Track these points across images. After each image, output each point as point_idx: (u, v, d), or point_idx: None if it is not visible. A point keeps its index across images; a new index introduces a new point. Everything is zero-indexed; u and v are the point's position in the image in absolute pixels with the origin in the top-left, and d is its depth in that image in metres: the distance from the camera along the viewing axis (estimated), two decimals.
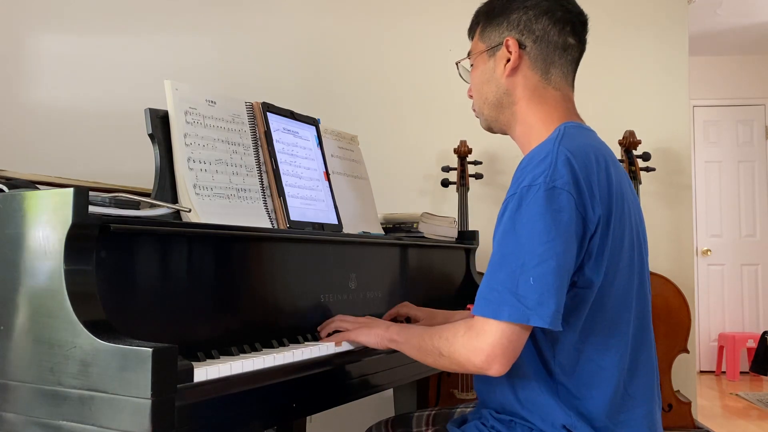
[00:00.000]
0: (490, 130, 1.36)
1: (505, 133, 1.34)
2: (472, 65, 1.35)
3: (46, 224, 1.00)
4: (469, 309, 1.70)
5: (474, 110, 1.37)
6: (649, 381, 1.22)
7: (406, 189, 2.97)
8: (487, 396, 1.26)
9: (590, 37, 1.30)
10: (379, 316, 1.60)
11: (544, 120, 1.24)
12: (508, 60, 1.25)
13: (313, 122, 1.73)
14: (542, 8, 1.25)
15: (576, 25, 1.27)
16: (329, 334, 1.40)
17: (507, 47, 1.26)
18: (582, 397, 1.15)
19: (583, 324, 1.14)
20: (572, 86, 1.30)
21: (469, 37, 1.37)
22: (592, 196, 1.10)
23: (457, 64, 1.42)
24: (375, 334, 1.32)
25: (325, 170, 1.71)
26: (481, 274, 1.20)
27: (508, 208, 1.11)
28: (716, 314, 5.88)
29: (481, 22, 1.32)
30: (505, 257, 1.08)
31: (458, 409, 1.47)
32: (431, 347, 1.17)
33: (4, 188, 1.09)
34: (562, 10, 1.25)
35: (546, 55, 1.25)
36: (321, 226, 1.59)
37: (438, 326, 1.20)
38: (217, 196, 1.37)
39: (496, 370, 1.07)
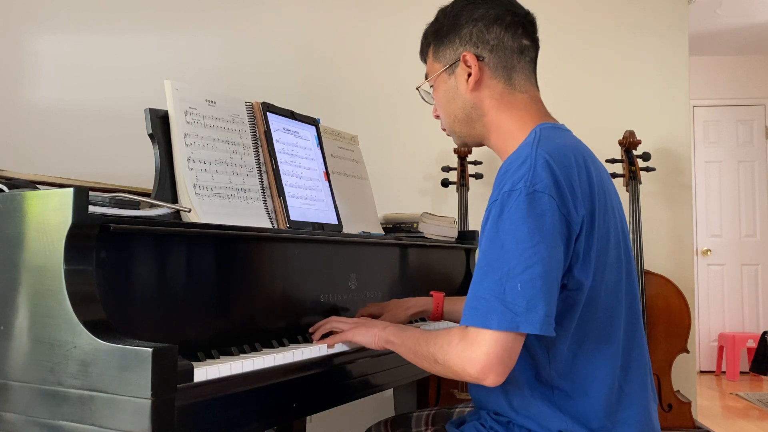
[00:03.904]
0: (465, 145, 1.37)
1: (481, 145, 1.34)
2: (432, 87, 1.34)
3: (46, 224, 1.00)
4: (431, 296, 1.65)
5: (444, 130, 1.36)
6: (643, 377, 1.21)
7: (406, 189, 2.97)
8: (483, 402, 1.26)
9: (591, 38, 1.31)
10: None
11: (518, 124, 1.24)
12: (470, 74, 1.25)
13: (313, 122, 1.73)
14: (491, 17, 1.24)
15: (527, 26, 1.27)
16: (323, 336, 1.37)
17: (465, 62, 1.25)
18: (578, 398, 1.14)
19: (576, 326, 1.13)
20: (537, 86, 1.30)
21: (421, 59, 1.37)
22: (574, 197, 1.09)
23: (417, 89, 1.39)
24: (372, 334, 1.30)
25: (325, 170, 1.71)
26: None
27: (491, 215, 1.10)
28: (716, 314, 5.88)
29: (432, 43, 1.32)
30: (491, 264, 1.06)
31: (457, 409, 1.47)
32: (427, 353, 1.15)
33: (4, 188, 1.09)
34: (511, 15, 1.25)
35: (505, 62, 1.25)
36: (321, 226, 1.59)
37: (434, 331, 1.17)
38: (217, 196, 1.37)
39: (492, 380, 1.04)
